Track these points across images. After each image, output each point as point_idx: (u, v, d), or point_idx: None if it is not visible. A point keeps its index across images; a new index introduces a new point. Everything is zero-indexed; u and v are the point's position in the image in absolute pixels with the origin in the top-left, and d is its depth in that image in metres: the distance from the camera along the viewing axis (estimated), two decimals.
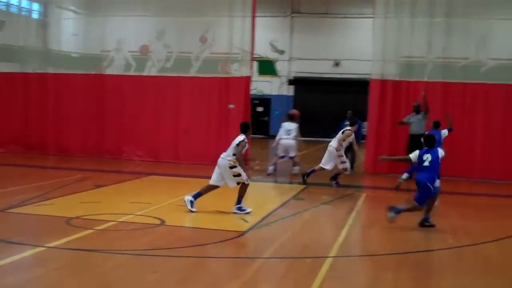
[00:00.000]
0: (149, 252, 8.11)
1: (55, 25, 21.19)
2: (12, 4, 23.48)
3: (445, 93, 17.79)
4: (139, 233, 9.34)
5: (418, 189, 10.27)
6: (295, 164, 17.21)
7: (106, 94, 19.78)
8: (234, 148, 10.80)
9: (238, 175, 10.82)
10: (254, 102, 30.90)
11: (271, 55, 35.02)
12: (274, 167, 17.13)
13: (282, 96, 35.33)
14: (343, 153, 14.90)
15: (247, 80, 18.98)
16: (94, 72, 20.18)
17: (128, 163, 18.77)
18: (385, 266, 8.14)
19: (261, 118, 34.69)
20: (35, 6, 23.18)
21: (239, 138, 10.90)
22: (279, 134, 17.10)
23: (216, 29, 19.69)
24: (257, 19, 19.15)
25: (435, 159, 10.16)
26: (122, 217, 10.26)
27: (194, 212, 10.77)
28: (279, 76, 35.47)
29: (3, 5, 23.58)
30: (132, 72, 20.22)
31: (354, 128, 15.17)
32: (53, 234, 8.80)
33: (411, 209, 10.30)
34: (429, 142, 10.46)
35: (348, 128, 15.15)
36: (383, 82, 18.16)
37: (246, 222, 10.28)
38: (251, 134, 18.20)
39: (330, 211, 12.56)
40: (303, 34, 34.67)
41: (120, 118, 19.64)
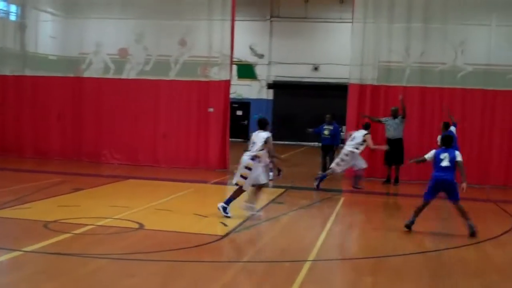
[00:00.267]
0: (127, 256, 8.07)
1: (33, 27, 21.01)
2: None
3: (422, 97, 17.97)
4: (118, 237, 9.29)
5: (437, 187, 10.31)
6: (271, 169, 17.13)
7: (84, 97, 19.64)
8: (262, 145, 10.70)
9: (244, 178, 10.78)
10: (234, 105, 30.89)
11: (251, 59, 35.05)
12: None
13: (261, 100, 35.36)
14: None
15: (227, 83, 18.97)
16: (72, 75, 19.98)
17: (106, 167, 18.65)
18: (364, 270, 8.19)
19: (240, 122, 34.71)
20: (13, 8, 22.95)
21: (264, 135, 10.81)
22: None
23: (195, 32, 19.61)
24: (236, 23, 19.14)
25: (452, 159, 10.17)
26: (100, 221, 10.18)
27: (229, 217, 10.73)
28: (259, 80, 35.52)
29: None
30: (110, 75, 20.09)
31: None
32: (30, 238, 8.71)
33: (463, 211, 10.42)
34: (446, 142, 10.45)
35: (367, 132, 15.48)
36: (362, 87, 18.28)
37: (226, 226, 10.26)
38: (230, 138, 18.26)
39: (309, 215, 12.58)
40: (283, 38, 34.75)
41: (98, 121, 19.52)
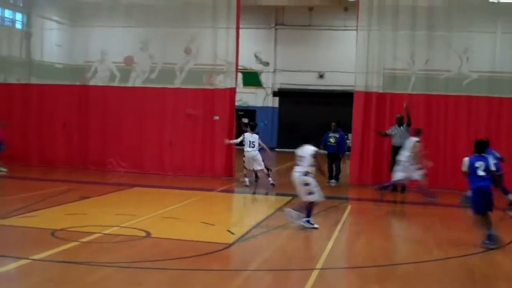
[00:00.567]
0: (134, 264, 8.07)
1: (39, 35, 21.13)
2: None
3: (428, 105, 17.95)
4: (125, 245, 9.29)
5: (481, 197, 10.01)
6: (269, 175, 17.17)
7: (90, 105, 19.70)
8: (310, 160, 10.69)
9: (311, 193, 10.80)
10: (239, 113, 30.89)
11: (256, 67, 35.07)
12: (248, 179, 17.10)
13: (267, 107, 35.39)
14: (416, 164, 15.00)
15: (232, 91, 18.99)
16: (78, 83, 20.06)
17: (112, 175, 18.67)
18: (372, 278, 8.16)
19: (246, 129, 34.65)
20: (19, 16, 23.08)
21: (311, 149, 10.80)
22: (245, 146, 16.95)
23: (200, 40, 19.67)
24: (241, 31, 19.19)
25: (487, 167, 9.98)
26: (107, 229, 10.20)
27: (317, 228, 10.73)
28: (264, 87, 35.53)
29: None
30: (116, 83, 20.15)
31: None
32: (37, 246, 8.73)
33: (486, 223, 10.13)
34: (479, 148, 10.18)
35: (417, 139, 15.19)
36: (367, 94, 18.27)
37: (233, 234, 10.26)
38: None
39: (317, 223, 12.53)
40: (287, 46, 34.78)
41: (104, 129, 19.56)
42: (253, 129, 17.22)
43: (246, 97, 33.63)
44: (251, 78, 34.40)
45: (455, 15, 18.14)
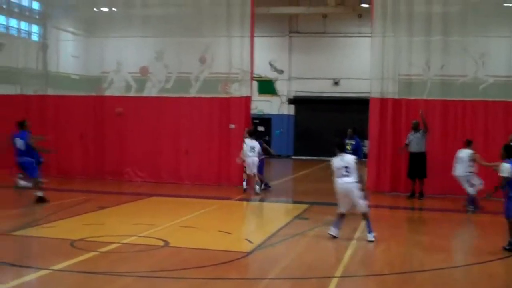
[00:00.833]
0: (153, 274, 8.09)
1: (54, 47, 21.30)
2: (11, 26, 23.61)
3: (444, 110, 17.84)
4: (143, 254, 9.31)
5: None
6: (261, 181, 17.23)
7: (106, 115, 19.79)
8: (356, 168, 10.63)
9: (364, 199, 10.81)
10: (255, 121, 30.93)
11: (271, 75, 35.13)
12: (257, 186, 17.15)
13: (282, 115, 35.43)
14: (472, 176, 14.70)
15: (247, 100, 19.02)
16: (94, 93, 20.21)
17: (129, 184, 18.75)
18: (391, 286, 8.11)
19: (262, 137, 34.70)
20: (35, 28, 23.31)
21: (353, 158, 10.77)
22: (245, 151, 16.97)
23: (215, 49, 19.72)
24: (255, 39, 19.24)
25: None
26: (126, 238, 10.22)
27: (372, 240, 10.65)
28: (279, 95, 35.56)
29: (3, 27, 23.70)
30: (132, 93, 20.26)
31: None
32: (57, 257, 8.79)
33: None
34: (510, 152, 9.99)
35: (472, 151, 14.84)
36: (383, 101, 18.21)
37: (251, 242, 10.24)
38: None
39: None
40: (302, 53, 34.82)
41: (120, 139, 19.64)
42: (251, 134, 17.27)
43: (261, 105, 33.70)
44: (266, 86, 34.47)
45: (470, 20, 18.05)
